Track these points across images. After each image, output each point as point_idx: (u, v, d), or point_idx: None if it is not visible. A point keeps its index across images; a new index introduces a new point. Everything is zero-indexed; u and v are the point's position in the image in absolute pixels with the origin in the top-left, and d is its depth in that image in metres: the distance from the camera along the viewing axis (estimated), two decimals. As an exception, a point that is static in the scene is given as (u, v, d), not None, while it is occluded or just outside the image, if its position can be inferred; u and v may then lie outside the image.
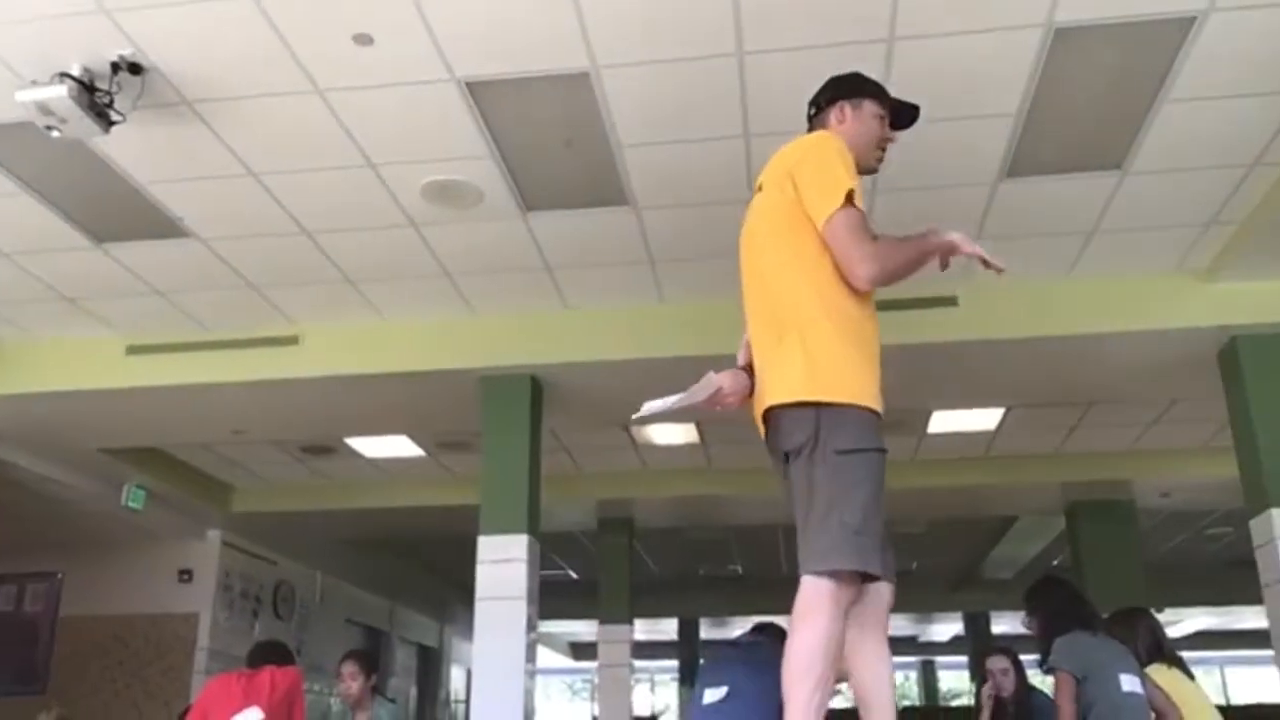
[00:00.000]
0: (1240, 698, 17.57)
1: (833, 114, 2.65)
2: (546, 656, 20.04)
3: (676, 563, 12.95)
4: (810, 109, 2.72)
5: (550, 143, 4.34)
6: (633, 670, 10.07)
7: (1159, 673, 4.03)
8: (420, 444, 7.88)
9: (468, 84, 3.92)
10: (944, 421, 7.35)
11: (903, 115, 2.71)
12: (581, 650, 20.80)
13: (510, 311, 5.88)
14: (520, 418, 5.90)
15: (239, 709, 4.47)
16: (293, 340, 5.99)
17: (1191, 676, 4.25)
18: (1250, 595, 5.59)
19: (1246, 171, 4.55)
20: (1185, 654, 4.45)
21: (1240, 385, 5.43)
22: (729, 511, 9.57)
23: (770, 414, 2.36)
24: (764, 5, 3.54)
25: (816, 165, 2.41)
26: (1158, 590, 9.31)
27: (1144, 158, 4.44)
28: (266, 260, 5.26)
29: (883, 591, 2.36)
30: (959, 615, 15.11)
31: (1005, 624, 14.64)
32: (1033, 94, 4.03)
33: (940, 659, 19.83)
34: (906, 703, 18.21)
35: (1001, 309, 5.48)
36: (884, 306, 5.09)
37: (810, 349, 2.32)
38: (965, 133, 4.29)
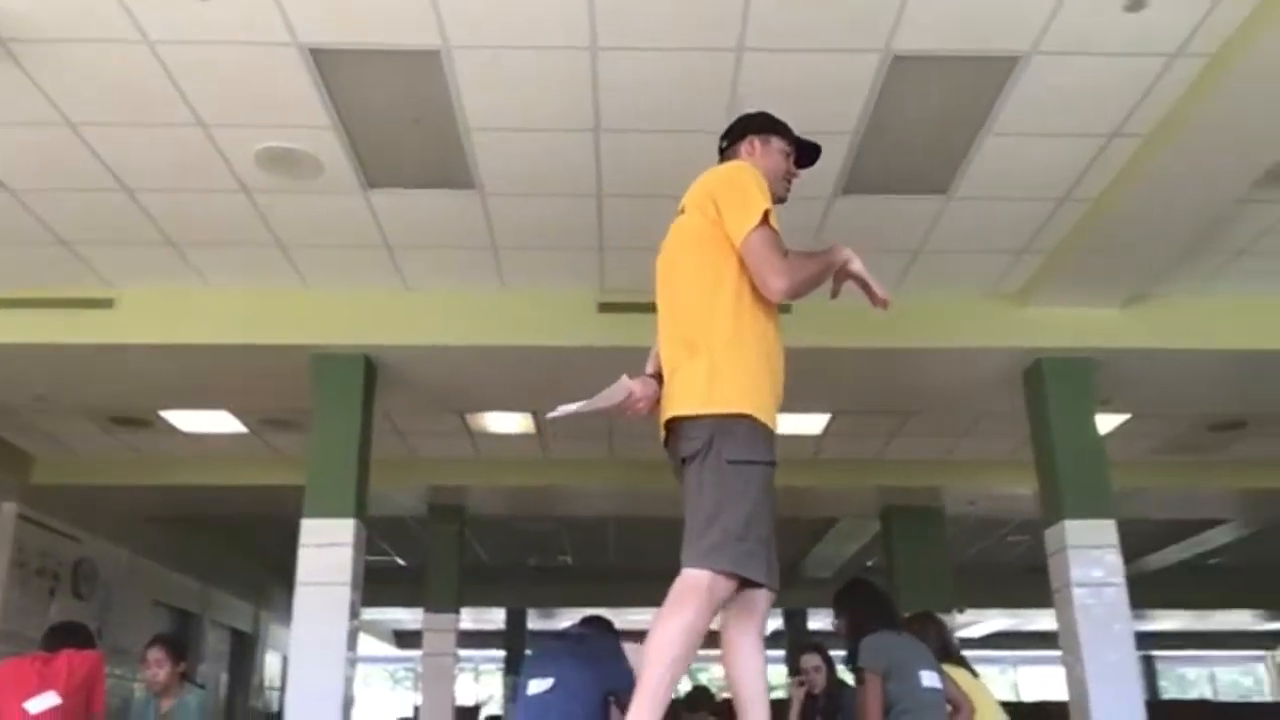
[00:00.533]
0: (1030, 695, 18.84)
1: (743, 147, 2.83)
2: (368, 644, 19.60)
3: (507, 552, 12.90)
4: (722, 143, 2.89)
5: (397, 119, 4.25)
6: (457, 659, 9.96)
7: (949, 671, 4.30)
8: (243, 420, 7.57)
9: (312, 50, 3.79)
10: (781, 422, 7.57)
11: (805, 154, 2.92)
12: (405, 638, 20.44)
13: (347, 288, 5.72)
14: (352, 398, 5.74)
15: (33, 694, 4.21)
16: (107, 303, 5.64)
17: (976, 675, 4.56)
18: (1042, 599, 6.01)
19: (1057, 205, 4.89)
20: (983, 653, 4.77)
21: (1042, 404, 5.83)
22: (562, 503, 9.60)
23: (673, 423, 2.49)
24: (619, 3, 3.56)
25: (736, 188, 2.58)
26: (961, 592, 9.89)
27: (967, 185, 4.71)
28: (81, 217, 4.95)
29: (759, 598, 2.48)
30: (779, 612, 15.62)
31: (822, 621, 15.23)
32: (869, 115, 4.21)
33: (760, 653, 20.44)
34: (725, 695, 18.70)
35: (831, 318, 5.69)
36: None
37: (716, 363, 2.45)
38: (806, 146, 4.42)
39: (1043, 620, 14.66)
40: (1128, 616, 5.38)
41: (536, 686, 3.71)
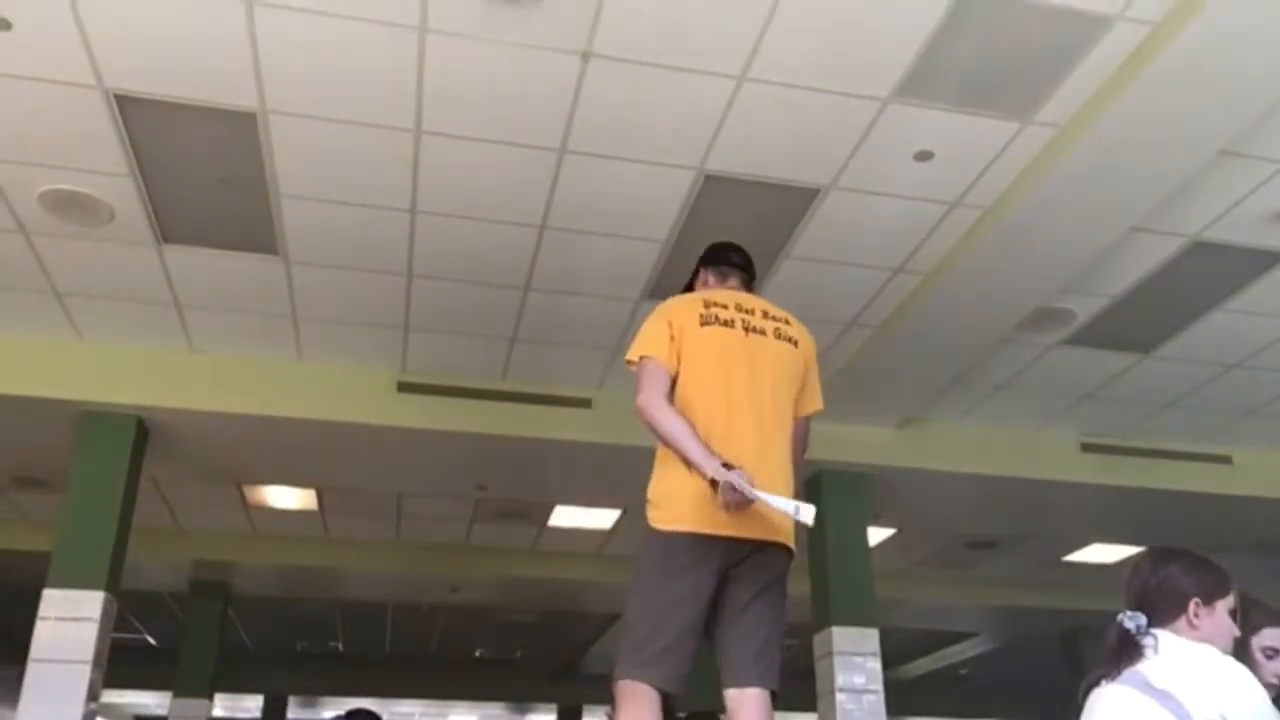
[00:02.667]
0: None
1: (706, 277, 3.11)
2: (104, 730, 17.80)
3: (273, 635, 12.14)
4: (745, 268, 3.12)
5: (202, 176, 4.09)
6: (202, 750, 9.20)
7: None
8: (-13, 476, 6.86)
9: (116, 96, 3.62)
10: (565, 516, 7.59)
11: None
12: (148, 725, 18.70)
13: (126, 345, 5.37)
14: (118, 461, 5.34)
15: None
16: None
17: None
18: (808, 703, 6.20)
19: (845, 329, 5.23)
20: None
21: (821, 516, 6.07)
22: (340, 585, 9.18)
23: (774, 546, 2.59)
24: (446, 90, 3.61)
25: (817, 369, 2.92)
26: (733, 694, 10.04)
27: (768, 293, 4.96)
28: None
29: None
30: (554, 707, 15.36)
31: (597, 717, 15.07)
32: (680, 226, 4.40)
33: (531, 751, 19.94)
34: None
35: (622, 416, 5.81)
36: (522, 398, 5.24)
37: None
38: (619, 250, 4.57)
39: (809, 724, 15.09)
40: (884, 723, 5.63)
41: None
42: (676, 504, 2.56)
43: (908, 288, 4.86)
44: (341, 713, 4.70)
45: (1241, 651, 2.41)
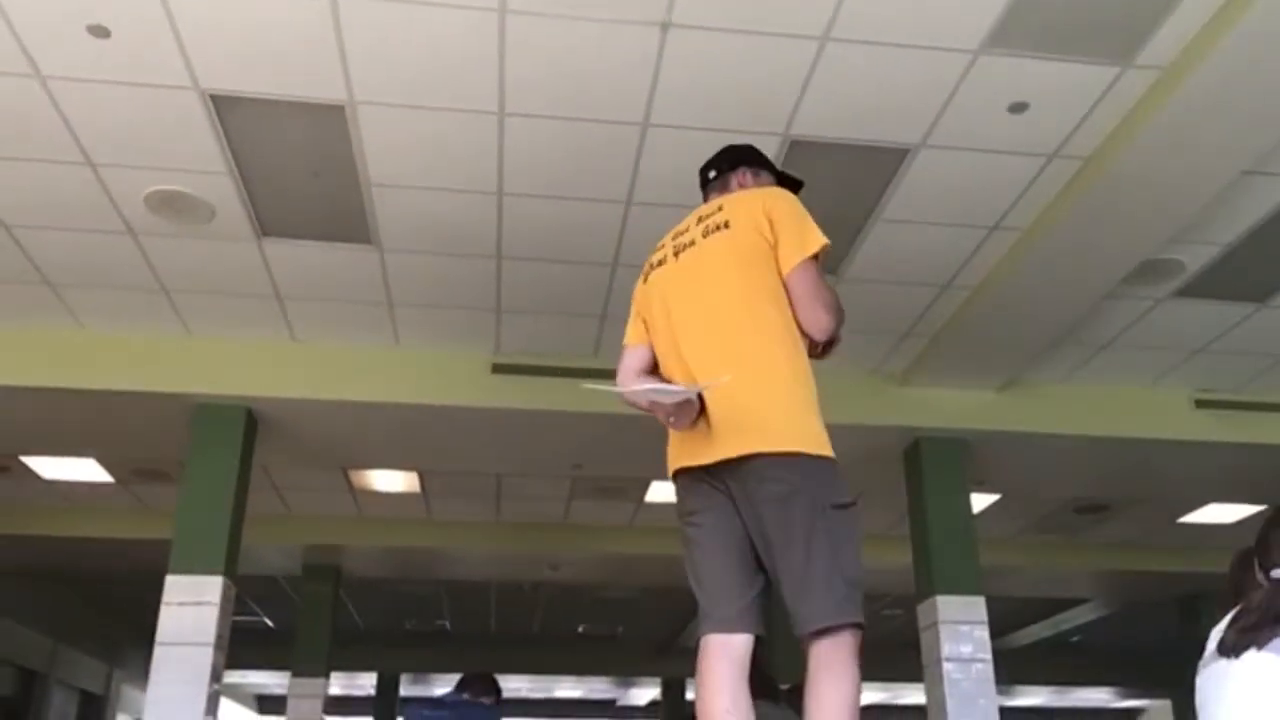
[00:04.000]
0: (900, 768, 19.04)
1: (735, 178, 2.70)
2: (229, 709, 18.62)
3: (382, 615, 12.50)
4: (709, 173, 2.75)
5: (296, 169, 4.19)
6: (323, 726, 9.55)
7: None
8: (110, 469, 7.20)
9: (212, 96, 3.72)
10: (662, 492, 7.61)
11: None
12: (269, 703, 19.48)
13: (232, 337, 5.56)
14: (230, 451, 5.54)
15: None
16: (-30, 340, 5.35)
17: None
18: (914, 673, 6.12)
19: (940, 291, 5.11)
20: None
21: (919, 482, 6.01)
22: (444, 566, 9.39)
23: (744, 460, 2.22)
24: (527, 70, 3.62)
25: (797, 215, 2.44)
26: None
27: (856, 267, 4.88)
28: (-50, 249, 4.70)
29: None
30: (657, 681, 15.50)
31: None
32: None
33: (636, 724, 20.21)
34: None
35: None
36: (615, 376, 5.20)
37: (795, 397, 2.27)
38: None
39: (913, 694, 14.92)
40: (993, 692, 5.52)
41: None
42: (668, 452, 2.43)
43: (1005, 245, 4.71)
44: (455, 683, 4.81)
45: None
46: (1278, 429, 6.20)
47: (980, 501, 7.32)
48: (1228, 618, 2.14)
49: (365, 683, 15.52)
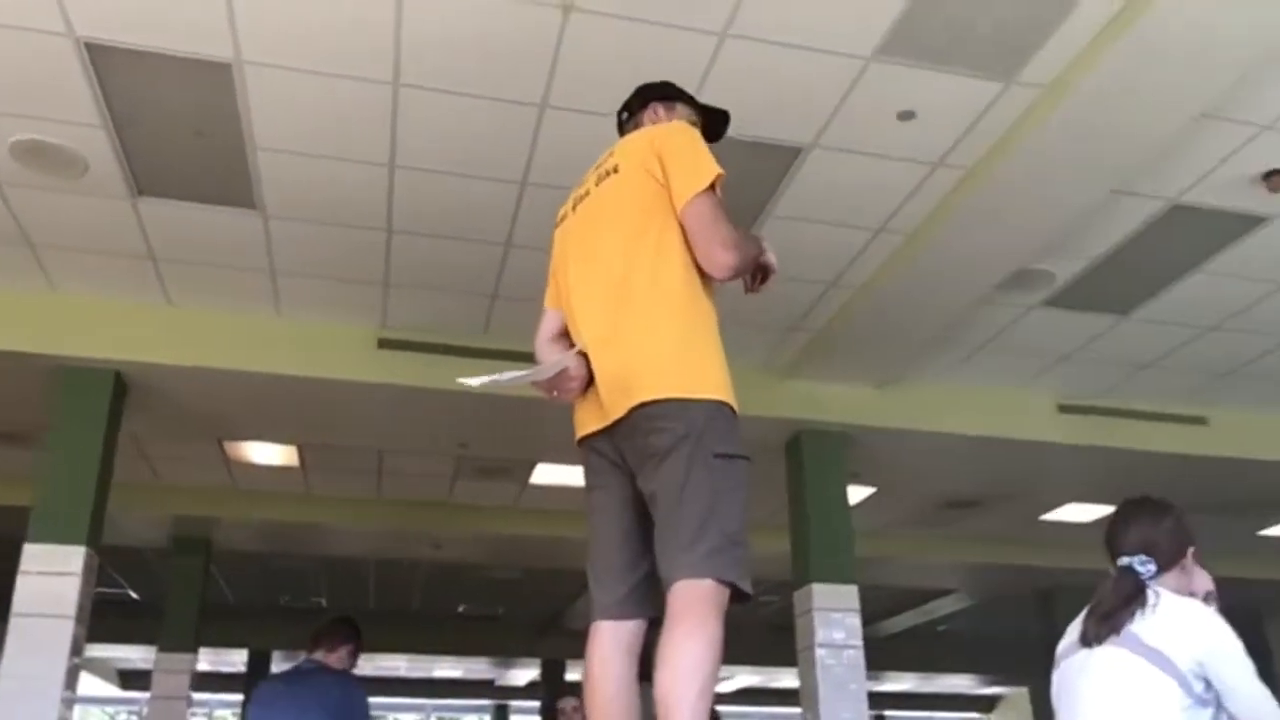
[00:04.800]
0: (771, 750, 19.51)
1: (646, 115, 2.54)
2: (89, 683, 17.90)
3: (255, 590, 12.20)
4: (621, 114, 2.62)
5: (177, 127, 4.03)
6: (190, 703, 9.27)
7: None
8: (-36, 431, 6.83)
9: (88, 45, 3.56)
10: (547, 474, 7.62)
11: (713, 126, 2.61)
12: (132, 679, 18.80)
13: (101, 298, 5.32)
14: (96, 417, 5.31)
15: None
16: None
17: None
18: (787, 658, 6.29)
19: (826, 288, 5.23)
20: (730, 708, 4.90)
21: (800, 473, 6.17)
22: (321, 541, 9.19)
23: (633, 410, 2.07)
24: (425, 42, 3.56)
25: (688, 148, 2.25)
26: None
27: (748, 260, 4.96)
28: None
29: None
30: (537, 662, 15.52)
31: (579, 672, 15.26)
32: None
33: (515, 703, 20.21)
34: None
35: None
36: (504, 355, 5.16)
37: (687, 341, 2.12)
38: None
39: (786, 678, 15.29)
40: (863, 677, 5.72)
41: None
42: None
43: (889, 248, 4.86)
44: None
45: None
46: (1134, 435, 6.55)
47: (857, 494, 7.54)
48: (1084, 610, 2.28)
49: (236, 659, 15.12)
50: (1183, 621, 2.08)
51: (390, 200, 4.49)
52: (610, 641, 2.09)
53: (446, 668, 17.36)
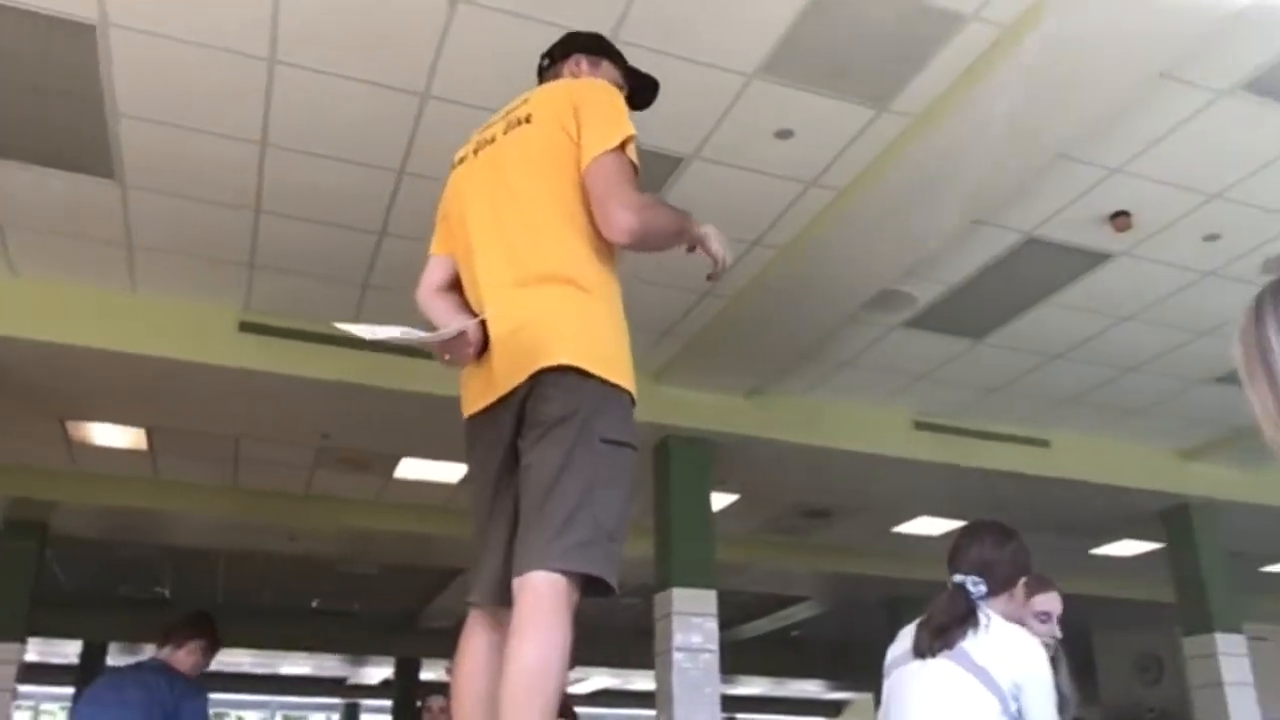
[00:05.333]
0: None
1: (567, 66, 2.37)
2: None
3: (94, 578, 11.59)
4: (543, 60, 2.46)
5: (32, 87, 3.81)
6: (16, 696, 8.73)
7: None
8: None
9: (-63, -8, 3.34)
10: (412, 468, 7.49)
11: (641, 92, 2.46)
12: (-50, 668, 17.59)
13: (-62, 263, 4.99)
14: (-77, 388, 4.98)
15: None
16: None
17: None
18: (645, 660, 6.35)
19: (699, 299, 5.32)
20: (588, 710, 4.91)
21: (666, 479, 6.24)
22: (167, 529, 8.81)
23: (531, 378, 1.91)
24: (305, 21, 3.47)
25: (604, 104, 2.10)
26: (573, 649, 10.17)
27: (623, 266, 4.99)
28: None
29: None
30: (392, 660, 15.23)
31: (435, 671, 15.04)
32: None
33: (366, 702, 19.78)
34: None
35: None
36: (373, 346, 4.98)
37: (590, 312, 1.97)
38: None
39: (643, 680, 15.44)
40: (718, 681, 5.83)
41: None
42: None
43: (763, 261, 4.97)
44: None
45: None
46: (982, 454, 6.88)
47: (720, 500, 7.67)
48: (915, 622, 2.38)
49: (69, 650, 14.34)
50: (1009, 646, 2.21)
51: (260, 179, 4.35)
52: (487, 631, 1.92)
53: (295, 664, 16.88)
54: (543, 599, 1.75)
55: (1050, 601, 2.84)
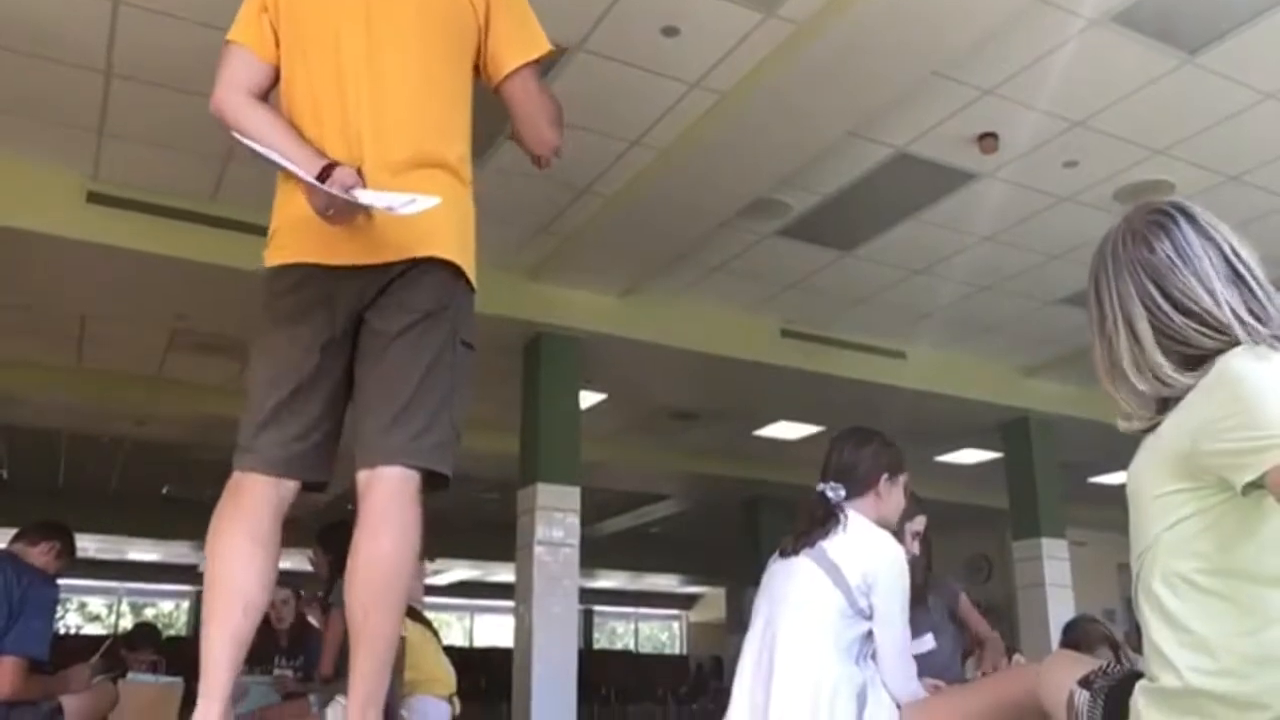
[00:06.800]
0: (482, 640, 20.04)
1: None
2: None
3: (-78, 458, 10.95)
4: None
5: None
6: None
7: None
8: None
9: None
10: (272, 355, 7.27)
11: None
12: None
13: None
14: None
15: None
16: None
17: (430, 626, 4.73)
18: (506, 553, 6.44)
19: (577, 195, 5.26)
20: (446, 600, 4.92)
21: (535, 375, 6.25)
22: (5, 409, 8.35)
23: (403, 265, 1.81)
24: None
25: (523, 7, 2.01)
26: (433, 543, 10.22)
27: (498, 158, 4.87)
28: None
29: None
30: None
31: (289, 560, 14.91)
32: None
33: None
34: (172, 632, 17.55)
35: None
36: (233, 226, 4.82)
37: (463, 206, 1.90)
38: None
39: (503, 573, 15.68)
40: (576, 575, 5.97)
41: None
42: (280, 233, 1.92)
43: (643, 161, 4.94)
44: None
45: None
46: (844, 363, 7.14)
47: (587, 399, 7.74)
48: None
49: (-108, 533, 13.58)
50: (862, 544, 2.31)
51: (111, 39, 4.04)
52: (262, 502, 1.80)
53: (143, 551, 16.44)
54: (400, 494, 1.75)
55: (920, 524, 3.01)
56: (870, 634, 2.26)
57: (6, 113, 4.56)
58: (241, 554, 1.78)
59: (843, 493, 2.41)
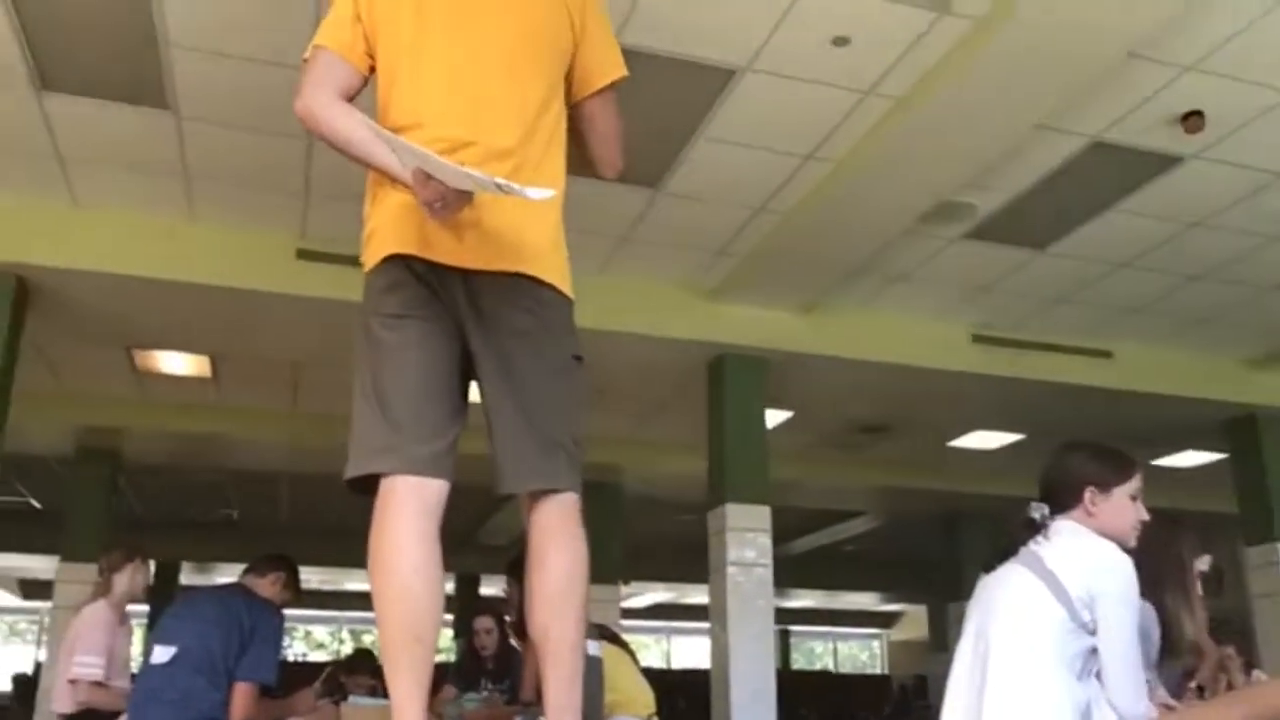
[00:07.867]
0: (680, 663, 20.14)
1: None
2: (-13, 593, 17.50)
3: (164, 502, 11.97)
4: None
5: (87, 22, 3.81)
6: (94, 614, 9.11)
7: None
8: None
9: (-14, -77, 3.32)
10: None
11: None
12: (33, 588, 18.43)
13: (2, 198, 5.06)
14: (-4, 321, 5.10)
15: None
16: None
17: (627, 648, 4.78)
18: (699, 575, 6.44)
19: (754, 214, 5.24)
20: (642, 622, 4.97)
21: (721, 396, 6.25)
22: (232, 453, 9.05)
23: (509, 276, 1.81)
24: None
25: (609, 27, 2.03)
26: (629, 566, 10.36)
27: (677, 182, 4.93)
28: None
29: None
30: (452, 576, 15.65)
31: (494, 587, 15.43)
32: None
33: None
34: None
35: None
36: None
37: (560, 222, 1.92)
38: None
39: (698, 594, 15.70)
40: (771, 594, 5.91)
41: (160, 655, 3.47)
42: (378, 231, 1.88)
43: (818, 175, 4.87)
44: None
45: (1178, 569, 2.61)
46: (1042, 366, 6.78)
47: (774, 417, 7.68)
48: None
49: (143, 570, 14.89)
50: (1082, 552, 2.14)
51: (312, 105, 4.33)
52: (415, 502, 1.80)
53: (359, 581, 17.40)
54: (569, 517, 1.83)
55: (1205, 563, 2.80)
56: (1094, 650, 2.09)
57: (222, 181, 4.96)
58: (407, 559, 1.81)
59: (1046, 510, 2.27)
